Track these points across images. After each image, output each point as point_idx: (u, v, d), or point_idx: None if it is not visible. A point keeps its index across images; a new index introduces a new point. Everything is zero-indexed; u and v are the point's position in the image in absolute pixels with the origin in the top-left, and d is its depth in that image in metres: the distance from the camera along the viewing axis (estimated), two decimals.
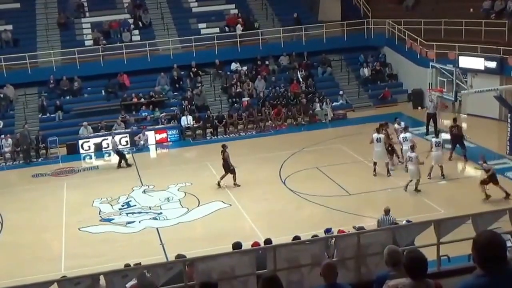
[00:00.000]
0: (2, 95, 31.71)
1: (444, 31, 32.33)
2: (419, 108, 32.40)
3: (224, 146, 23.14)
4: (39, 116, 31.77)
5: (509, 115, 24.64)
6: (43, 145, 29.02)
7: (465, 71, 28.37)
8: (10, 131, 30.07)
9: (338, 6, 37.91)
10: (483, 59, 29.05)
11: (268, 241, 12.13)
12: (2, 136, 29.27)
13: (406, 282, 5.60)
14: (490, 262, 4.15)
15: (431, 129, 27.24)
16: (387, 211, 16.10)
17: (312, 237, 11.55)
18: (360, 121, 31.12)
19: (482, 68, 29.09)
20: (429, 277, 5.70)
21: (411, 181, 21.10)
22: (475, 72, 29.28)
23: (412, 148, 21.20)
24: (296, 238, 12.19)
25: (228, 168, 22.75)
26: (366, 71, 34.94)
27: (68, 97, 32.80)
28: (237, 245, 11.68)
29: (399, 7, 36.86)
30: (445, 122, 28.79)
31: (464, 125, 27.96)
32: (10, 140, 28.80)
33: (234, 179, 22.80)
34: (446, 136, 24.56)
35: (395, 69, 35.53)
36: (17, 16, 36.01)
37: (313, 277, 7.74)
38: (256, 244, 12.65)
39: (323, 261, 7.08)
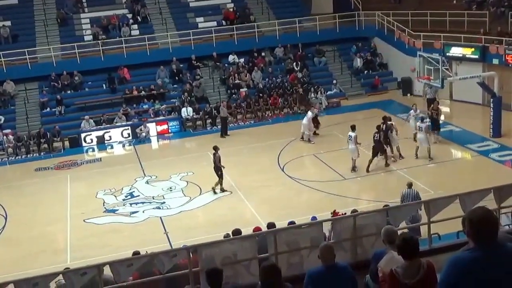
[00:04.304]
0: (1, 91, 31.92)
1: (430, 22, 33.39)
2: (409, 95, 33.64)
3: None
4: (40, 111, 31.97)
5: (491, 100, 25.60)
6: (44, 139, 29.15)
7: (450, 59, 29.49)
8: (11, 126, 30.47)
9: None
10: (466, 47, 30.18)
11: (271, 225, 11.98)
12: (4, 131, 29.55)
13: (399, 260, 5.94)
14: (483, 237, 4.27)
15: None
16: (410, 185, 16.65)
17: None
18: (354, 109, 32.14)
19: (466, 56, 30.24)
20: (422, 255, 5.94)
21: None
22: (459, 60, 30.43)
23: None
24: (292, 223, 12.22)
25: None
26: (359, 61, 35.69)
27: (69, 92, 33.01)
28: (236, 232, 11.71)
29: None
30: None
31: (446, 109, 29.26)
32: (11, 137, 29.08)
33: None
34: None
35: (385, 58, 36.42)
36: (15, 12, 36.30)
37: (312, 259, 8.05)
38: (257, 229, 12.70)
39: (321, 243, 7.37)
